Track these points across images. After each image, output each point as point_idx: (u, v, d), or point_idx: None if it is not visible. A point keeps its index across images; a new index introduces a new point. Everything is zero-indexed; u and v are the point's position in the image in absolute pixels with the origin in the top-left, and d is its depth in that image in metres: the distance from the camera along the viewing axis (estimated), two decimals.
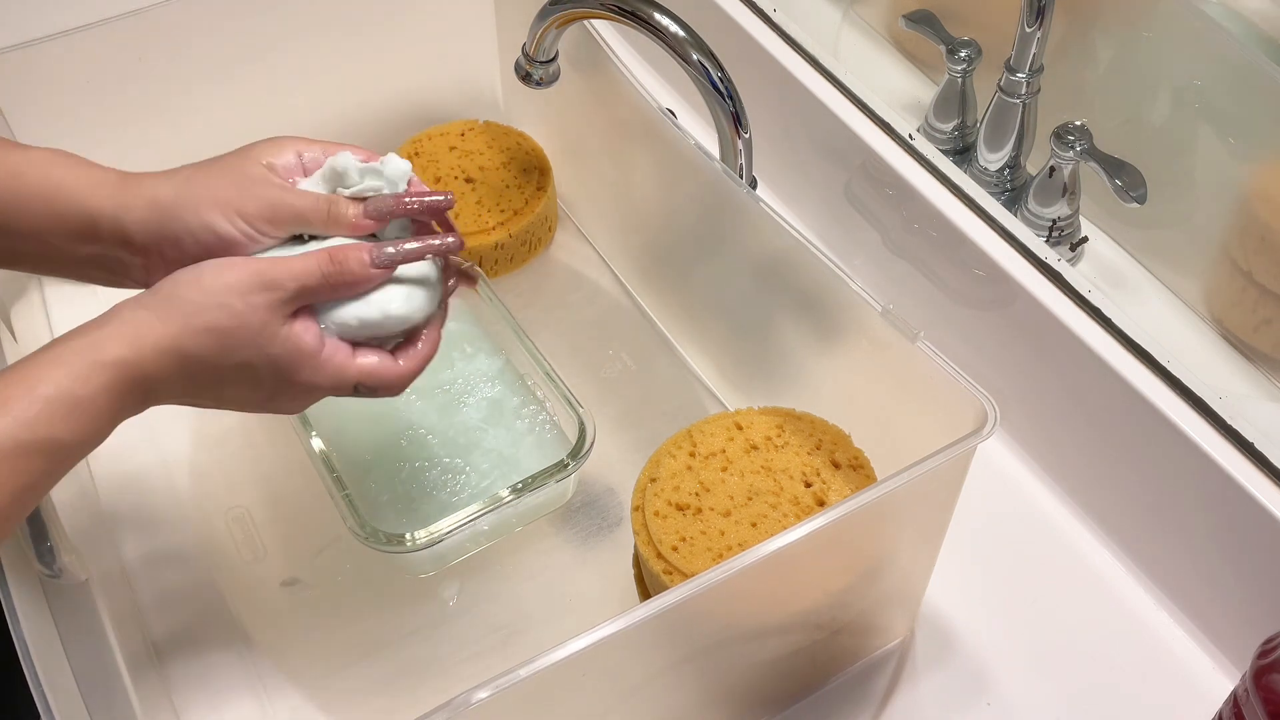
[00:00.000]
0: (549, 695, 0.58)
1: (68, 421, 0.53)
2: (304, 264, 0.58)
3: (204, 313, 0.56)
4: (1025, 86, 0.86)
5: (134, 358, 0.55)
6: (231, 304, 0.57)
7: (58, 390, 0.53)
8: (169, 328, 0.56)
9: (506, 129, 1.01)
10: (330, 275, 0.59)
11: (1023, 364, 0.83)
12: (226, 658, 0.76)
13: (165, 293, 0.57)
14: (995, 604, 0.77)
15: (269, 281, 0.57)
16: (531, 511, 0.80)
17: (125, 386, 0.55)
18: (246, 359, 0.58)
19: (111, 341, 0.55)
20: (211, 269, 0.57)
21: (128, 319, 0.56)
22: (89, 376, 0.54)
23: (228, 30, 0.93)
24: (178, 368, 0.57)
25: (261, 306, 0.57)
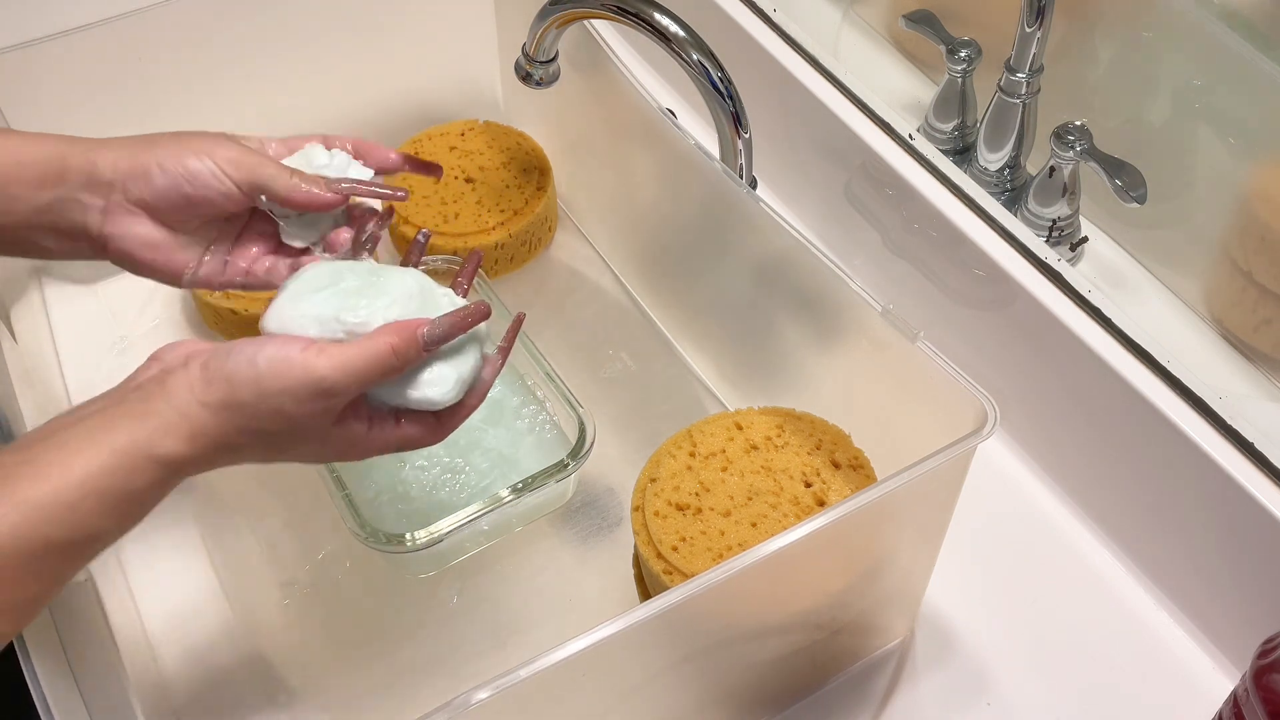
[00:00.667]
0: (549, 695, 0.58)
1: (114, 515, 0.52)
2: (364, 361, 0.56)
3: (259, 418, 0.55)
4: (1025, 86, 0.86)
5: (189, 455, 0.54)
6: (285, 409, 0.55)
7: (110, 485, 0.51)
8: (225, 429, 0.54)
9: (506, 129, 1.01)
10: (390, 370, 0.57)
11: (1023, 364, 0.83)
12: (226, 658, 0.76)
13: (220, 390, 0.54)
14: (995, 604, 0.77)
15: (328, 389, 0.55)
16: (531, 511, 0.80)
17: (175, 479, 0.55)
18: (302, 450, 0.58)
19: (169, 439, 0.53)
20: (269, 369, 0.54)
21: (184, 413, 0.53)
22: (143, 470, 0.52)
23: (227, 30, 0.93)
24: (227, 457, 0.56)
25: (318, 413, 0.56)
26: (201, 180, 0.61)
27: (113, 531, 0.53)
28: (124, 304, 0.97)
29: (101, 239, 0.62)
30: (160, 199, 0.61)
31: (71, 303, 0.97)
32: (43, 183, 0.61)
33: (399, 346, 0.57)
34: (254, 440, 0.56)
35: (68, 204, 0.61)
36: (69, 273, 0.98)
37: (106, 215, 0.61)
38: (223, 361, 0.55)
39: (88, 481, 0.51)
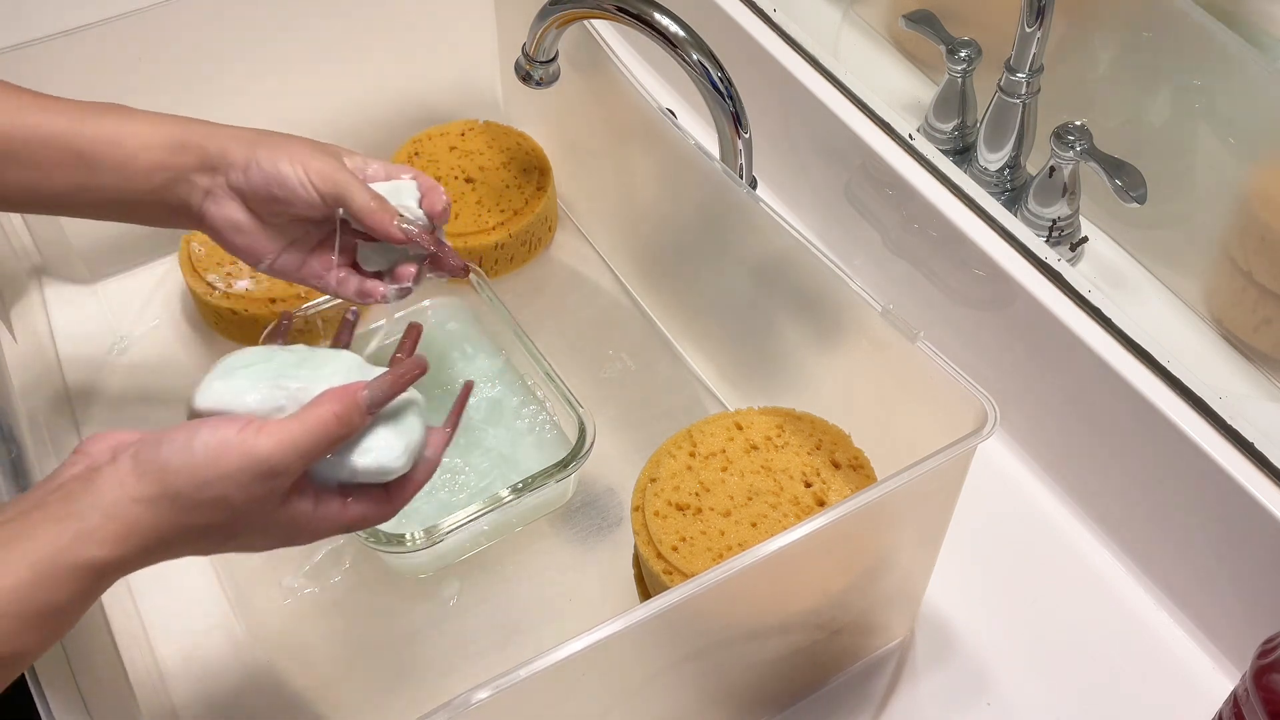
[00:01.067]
0: (549, 695, 0.58)
1: (36, 632, 0.49)
2: (308, 438, 0.53)
3: (198, 509, 0.52)
4: (1025, 86, 0.86)
5: (117, 558, 0.50)
6: (229, 496, 0.52)
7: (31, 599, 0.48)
8: (160, 526, 0.51)
9: (506, 129, 1.01)
10: (336, 441, 0.55)
11: (1023, 364, 0.83)
12: (227, 658, 0.76)
13: (154, 479, 0.51)
14: (995, 604, 0.77)
15: (272, 469, 0.52)
16: (531, 511, 0.80)
17: (102, 585, 0.51)
18: (239, 539, 0.55)
19: (92, 544, 0.49)
20: (206, 455, 0.51)
21: (114, 514, 0.50)
22: (65, 582, 0.49)
23: (227, 30, 0.93)
24: (163, 552, 0.53)
25: (263, 496, 0.53)
26: (289, 185, 0.66)
27: (35, 648, 0.49)
28: (124, 304, 0.97)
29: (200, 215, 0.68)
30: (254, 192, 0.66)
31: (71, 303, 0.97)
32: (164, 164, 0.66)
33: (341, 413, 0.55)
34: (191, 535, 0.53)
35: (180, 183, 0.66)
36: (69, 273, 0.98)
37: (208, 195, 0.67)
38: (155, 451, 0.51)
39: (8, 598, 0.47)
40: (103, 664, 0.67)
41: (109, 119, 0.66)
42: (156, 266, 1.00)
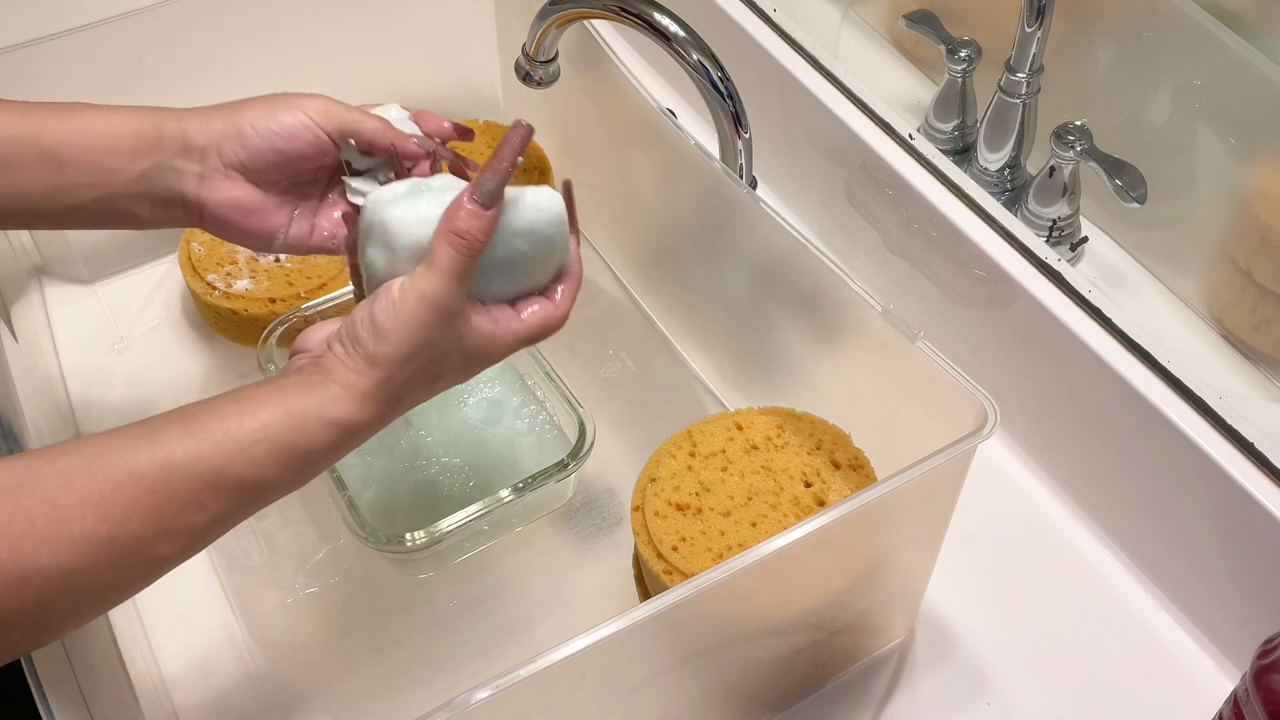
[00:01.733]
0: (549, 695, 0.58)
1: (283, 466, 0.55)
2: (446, 260, 0.57)
3: (408, 362, 0.57)
4: (1025, 86, 0.86)
5: (360, 418, 0.57)
6: (427, 340, 0.57)
7: (283, 438, 0.54)
8: (383, 389, 0.57)
9: (506, 129, 1.01)
10: (469, 249, 0.57)
11: (1023, 364, 0.83)
12: (226, 658, 0.76)
13: (362, 357, 0.57)
14: (995, 604, 0.77)
15: (441, 303, 0.57)
16: (531, 511, 0.80)
17: (349, 442, 0.57)
18: (452, 367, 0.60)
19: (336, 405, 0.56)
20: (384, 316, 0.57)
21: (348, 385, 0.56)
22: (314, 430, 0.55)
23: (227, 30, 0.93)
24: (389, 410, 0.58)
25: (449, 327, 0.58)
26: (294, 133, 0.64)
27: (281, 484, 0.55)
28: (124, 304, 0.97)
29: (198, 204, 0.64)
30: (255, 158, 0.64)
31: (71, 303, 0.97)
32: (138, 153, 0.63)
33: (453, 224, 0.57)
34: (416, 380, 0.58)
35: (164, 171, 0.63)
36: (69, 273, 0.98)
37: (203, 180, 0.64)
38: (354, 333, 0.57)
39: (262, 430, 0.53)
40: (104, 664, 0.67)
41: (74, 115, 0.63)
42: (156, 266, 1.00)
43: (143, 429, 0.53)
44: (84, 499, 0.49)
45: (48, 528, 0.48)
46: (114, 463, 0.51)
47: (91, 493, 0.49)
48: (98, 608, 0.52)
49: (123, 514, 0.50)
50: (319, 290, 0.90)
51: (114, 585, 0.51)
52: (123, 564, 0.51)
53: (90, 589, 0.50)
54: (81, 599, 0.50)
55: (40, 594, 0.48)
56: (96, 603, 0.52)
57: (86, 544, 0.49)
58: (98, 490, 0.50)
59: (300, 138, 0.64)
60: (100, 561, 0.50)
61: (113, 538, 0.50)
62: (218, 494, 0.53)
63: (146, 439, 0.52)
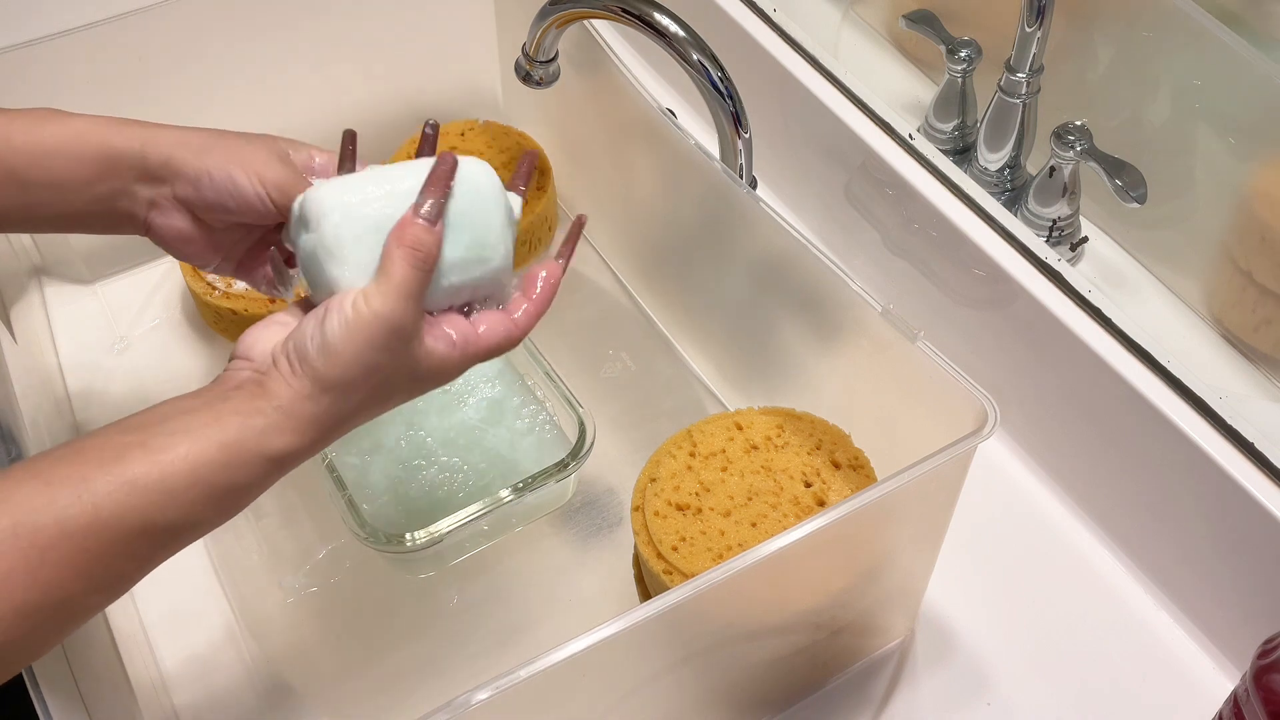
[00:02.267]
0: (549, 695, 0.58)
1: (216, 506, 0.54)
2: (399, 275, 0.57)
3: (358, 385, 0.56)
4: (1025, 86, 0.86)
5: (297, 447, 0.55)
6: (379, 362, 0.56)
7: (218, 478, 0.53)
8: (329, 412, 0.56)
9: (506, 129, 1.01)
10: (421, 262, 0.58)
11: (1023, 364, 0.83)
12: (226, 658, 0.76)
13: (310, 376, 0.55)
14: (995, 604, 0.77)
15: (395, 323, 0.56)
16: (531, 511, 0.80)
17: (279, 473, 0.56)
18: (403, 389, 0.59)
19: (276, 436, 0.55)
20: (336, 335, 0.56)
21: (291, 412, 0.55)
22: (250, 465, 0.54)
23: (227, 30, 0.93)
24: (335, 434, 0.58)
25: (402, 350, 0.57)
26: (244, 197, 0.63)
27: (211, 521, 0.54)
28: (124, 304, 0.97)
29: (145, 225, 0.66)
30: (203, 204, 0.64)
31: (71, 303, 0.97)
32: (98, 177, 0.64)
33: (406, 237, 0.58)
34: (362, 404, 0.57)
35: (121, 196, 0.65)
36: (69, 273, 0.98)
37: (153, 207, 0.65)
38: (302, 350, 0.56)
39: (195, 473, 0.52)
40: (103, 664, 0.67)
41: (38, 130, 0.63)
42: (156, 266, 1.00)
43: (70, 473, 0.50)
44: (13, 566, 0.48)
45: None
46: (43, 522, 0.49)
47: (20, 560, 0.48)
48: (18, 667, 0.51)
49: (54, 577, 0.49)
50: None
51: (41, 644, 0.51)
52: (52, 624, 0.50)
53: (17, 655, 0.49)
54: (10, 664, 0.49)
55: None
56: (19, 664, 0.50)
57: (18, 617, 0.48)
58: (26, 557, 0.48)
59: (249, 203, 0.64)
60: (33, 628, 0.49)
61: (42, 604, 0.49)
62: (149, 542, 0.52)
63: (75, 490, 0.50)
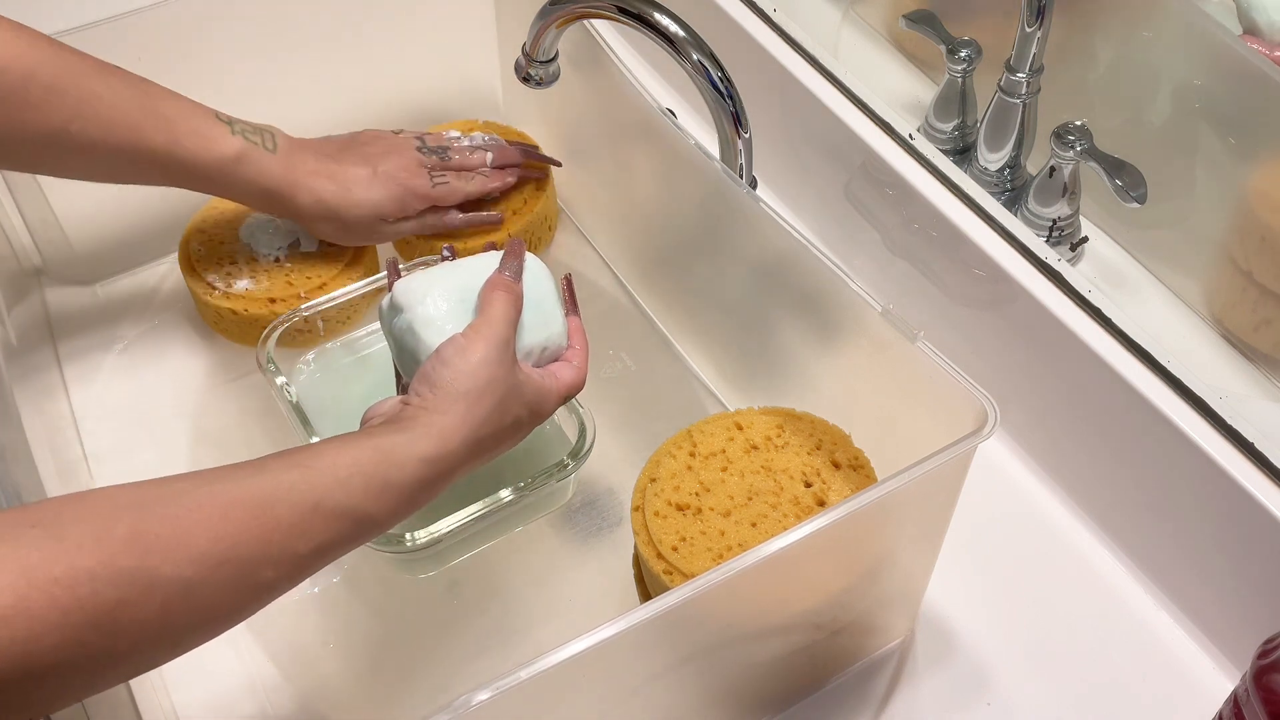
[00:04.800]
0: (549, 695, 0.58)
1: (378, 499, 0.59)
2: (500, 308, 0.67)
3: (483, 396, 0.64)
4: (1025, 86, 0.86)
5: (445, 453, 0.62)
6: (495, 375, 0.64)
7: (376, 471, 0.59)
8: (465, 422, 0.63)
9: (505, 128, 1.01)
10: (515, 301, 0.69)
11: (1023, 364, 0.83)
12: (226, 658, 0.76)
13: (443, 394, 0.63)
14: (995, 604, 0.77)
15: (502, 339, 0.66)
16: (531, 511, 0.80)
17: (432, 477, 0.61)
18: (516, 415, 0.66)
19: (424, 441, 0.61)
20: (456, 357, 0.64)
21: (430, 423, 0.62)
22: (404, 465, 0.60)
23: (227, 30, 0.93)
24: (474, 450, 0.64)
25: (510, 364, 0.66)
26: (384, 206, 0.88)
27: (377, 516, 0.59)
28: (124, 304, 0.97)
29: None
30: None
31: (71, 303, 0.97)
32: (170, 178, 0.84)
33: (501, 287, 0.69)
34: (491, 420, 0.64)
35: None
36: (69, 273, 0.98)
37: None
38: (426, 382, 0.64)
39: (355, 464, 0.58)
40: None
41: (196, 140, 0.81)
42: (156, 266, 1.00)
43: (246, 463, 0.57)
44: (200, 518, 0.52)
45: (171, 541, 0.51)
46: (222, 487, 0.54)
47: (205, 513, 0.52)
48: (210, 628, 0.54)
49: (234, 535, 0.53)
50: (319, 290, 0.90)
51: (226, 606, 0.53)
52: (233, 585, 0.53)
53: (206, 606, 0.52)
54: (198, 615, 0.52)
55: (163, 605, 0.50)
56: (210, 622, 0.53)
57: (204, 560, 0.52)
58: (210, 511, 0.52)
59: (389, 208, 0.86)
60: (215, 580, 0.52)
61: (224, 558, 0.52)
62: (318, 522, 0.56)
63: (251, 468, 0.56)
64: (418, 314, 0.69)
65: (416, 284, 0.70)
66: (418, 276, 0.71)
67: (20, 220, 0.95)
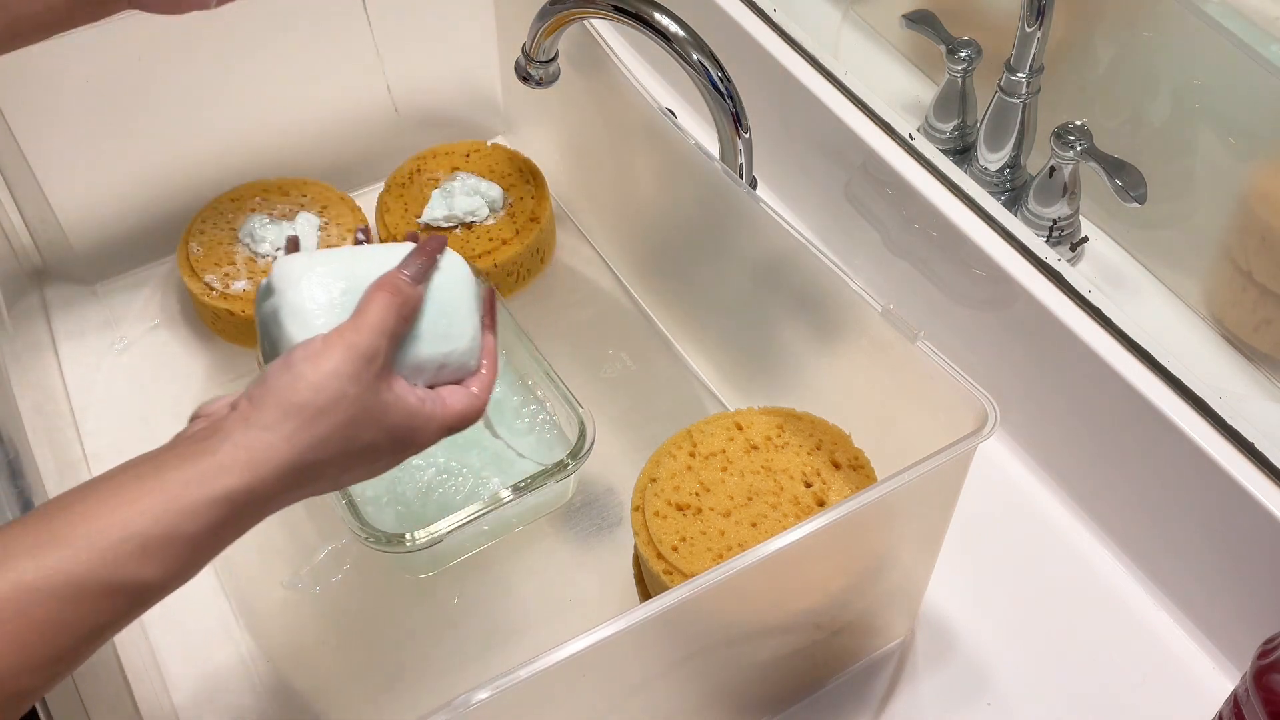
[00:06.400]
0: (549, 695, 0.58)
1: (163, 561, 0.48)
2: (377, 313, 0.56)
3: (323, 415, 0.52)
4: (1025, 86, 0.86)
5: (253, 485, 0.51)
6: (347, 391, 0.53)
7: (155, 528, 0.48)
8: (291, 443, 0.52)
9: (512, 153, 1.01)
10: (400, 307, 0.57)
11: (1023, 364, 0.83)
12: (227, 658, 0.76)
13: (272, 404, 0.52)
14: (995, 604, 0.77)
15: (366, 351, 0.54)
16: (531, 511, 0.80)
17: (237, 516, 0.51)
18: (370, 441, 0.55)
19: (226, 474, 0.50)
20: (303, 362, 0.53)
21: (241, 443, 0.51)
22: (196, 515, 0.49)
23: (228, 31, 0.93)
24: (299, 480, 0.53)
25: (371, 381, 0.55)
26: None
27: (162, 581, 0.49)
28: (124, 304, 0.97)
29: None
30: None
31: (71, 303, 0.97)
32: None
33: (391, 290, 0.57)
34: (330, 444, 0.53)
35: None
36: (69, 273, 0.98)
37: None
38: (262, 384, 0.53)
39: (127, 526, 0.47)
40: (101, 664, 0.67)
41: None
42: (156, 267, 1.00)
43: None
44: None
45: None
46: None
47: None
48: None
49: None
50: None
51: None
52: None
53: None
54: None
55: None
56: None
57: None
58: None
59: None
60: None
61: None
62: (85, 607, 0.46)
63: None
64: (287, 300, 0.58)
65: (298, 264, 0.60)
66: (303, 256, 0.61)
67: (20, 220, 0.96)
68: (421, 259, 0.60)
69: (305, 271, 0.59)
